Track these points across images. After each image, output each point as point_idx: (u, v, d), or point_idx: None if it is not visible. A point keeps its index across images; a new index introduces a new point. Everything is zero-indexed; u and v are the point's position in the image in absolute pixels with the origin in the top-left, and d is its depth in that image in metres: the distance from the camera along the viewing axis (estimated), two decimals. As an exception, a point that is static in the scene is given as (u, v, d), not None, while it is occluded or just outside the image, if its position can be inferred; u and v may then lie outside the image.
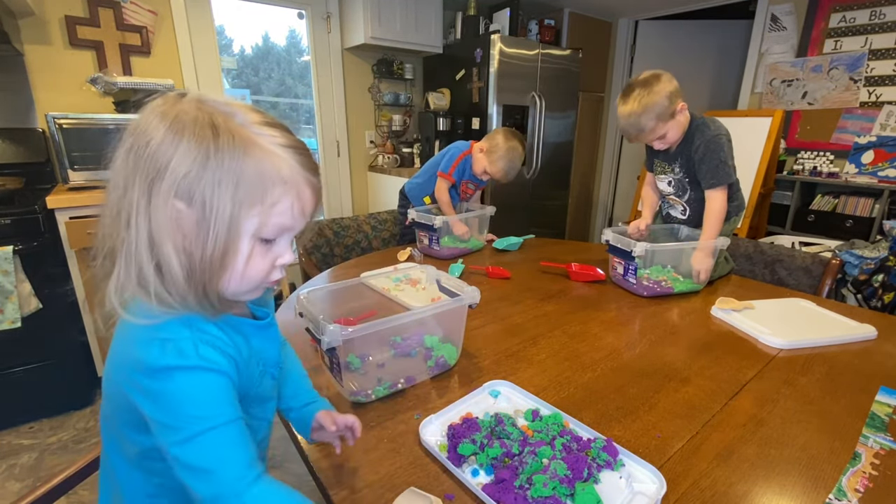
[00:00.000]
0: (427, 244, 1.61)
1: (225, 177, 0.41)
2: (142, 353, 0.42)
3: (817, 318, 1.10)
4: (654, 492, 0.56)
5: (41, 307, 1.70)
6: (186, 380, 0.42)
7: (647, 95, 1.25)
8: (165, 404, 0.42)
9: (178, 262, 0.42)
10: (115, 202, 0.42)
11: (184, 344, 0.42)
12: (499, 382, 0.79)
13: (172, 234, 0.42)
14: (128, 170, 0.42)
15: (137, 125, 0.42)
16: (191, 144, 0.40)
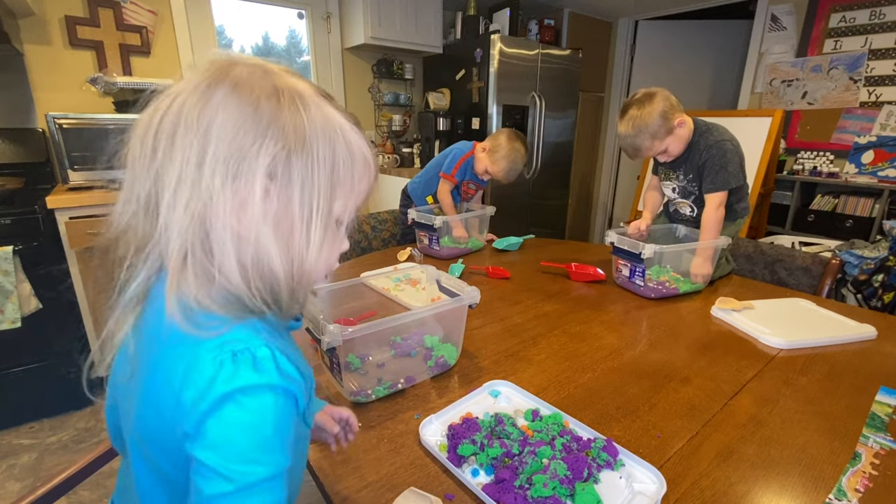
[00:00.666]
0: (427, 244, 1.61)
1: (321, 154, 0.37)
2: (201, 374, 0.34)
3: (817, 318, 1.10)
4: (654, 492, 0.56)
5: (41, 307, 1.70)
6: (260, 405, 0.34)
7: (639, 117, 1.27)
8: (216, 440, 0.33)
9: (277, 250, 0.36)
10: (183, 192, 0.35)
11: (261, 353, 0.35)
12: (499, 382, 0.79)
13: (263, 219, 0.36)
14: (201, 153, 0.35)
15: (205, 102, 0.35)
16: (278, 122, 0.36)
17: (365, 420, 0.70)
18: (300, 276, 0.39)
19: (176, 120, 0.35)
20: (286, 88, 0.37)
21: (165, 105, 0.36)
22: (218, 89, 0.36)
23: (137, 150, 0.37)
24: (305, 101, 0.38)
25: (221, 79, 0.36)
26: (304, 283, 0.39)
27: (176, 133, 0.35)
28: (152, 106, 0.37)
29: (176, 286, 0.35)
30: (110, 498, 0.53)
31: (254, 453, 0.34)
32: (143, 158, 0.36)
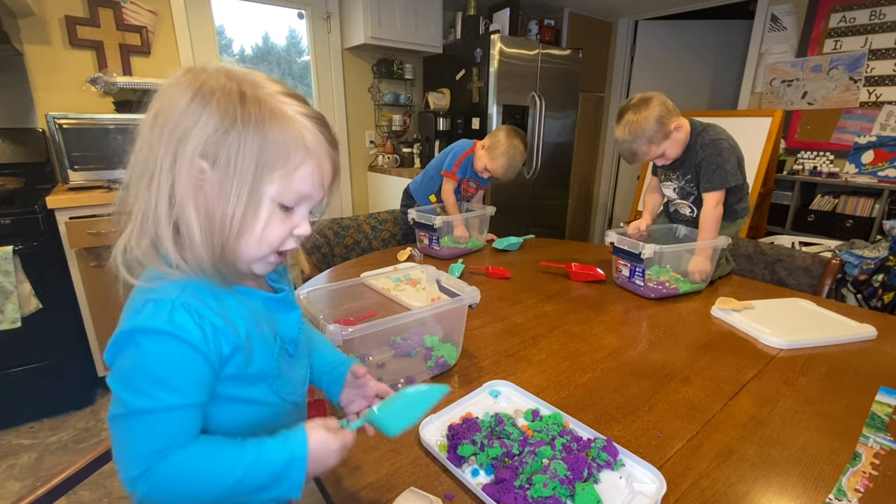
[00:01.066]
0: (427, 244, 1.61)
1: (250, 138, 0.42)
2: (124, 315, 0.42)
3: (817, 318, 1.10)
4: (654, 492, 0.56)
5: (41, 307, 1.70)
6: (150, 346, 0.41)
7: (636, 121, 1.28)
8: (121, 370, 0.41)
9: (198, 223, 0.42)
10: (139, 164, 0.42)
11: (161, 303, 0.41)
12: (499, 382, 0.79)
13: (194, 194, 0.42)
14: (154, 132, 0.42)
15: (165, 91, 0.43)
16: (219, 107, 0.41)
17: (365, 420, 0.70)
18: (222, 252, 0.44)
19: (159, 104, 0.43)
20: (232, 84, 0.43)
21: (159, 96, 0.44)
22: (189, 87, 0.43)
23: (146, 126, 0.43)
24: (250, 90, 0.43)
25: (195, 79, 0.43)
26: (228, 259, 0.44)
27: (155, 112, 0.43)
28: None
29: (124, 237, 0.44)
30: None
31: (142, 385, 0.40)
32: (143, 133, 0.43)
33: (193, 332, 0.42)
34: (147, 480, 0.40)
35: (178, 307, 0.42)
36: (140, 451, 0.41)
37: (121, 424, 0.41)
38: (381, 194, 3.17)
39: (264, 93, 0.44)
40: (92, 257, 1.82)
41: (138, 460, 0.40)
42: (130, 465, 0.40)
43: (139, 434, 0.41)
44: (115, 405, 0.41)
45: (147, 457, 0.40)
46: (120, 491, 1.49)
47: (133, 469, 0.40)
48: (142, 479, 0.40)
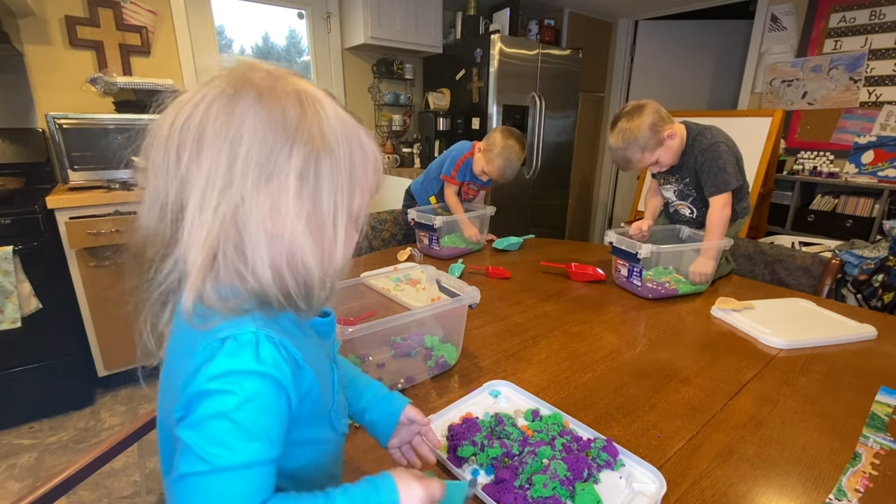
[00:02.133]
0: (427, 244, 1.61)
1: (342, 156, 0.39)
2: (193, 360, 0.36)
3: (817, 318, 1.10)
4: (654, 492, 0.56)
5: (41, 307, 1.70)
6: (234, 391, 0.34)
7: (629, 129, 1.28)
8: (200, 421, 0.34)
9: (311, 249, 0.38)
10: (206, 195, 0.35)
11: (244, 338, 0.36)
12: (499, 382, 0.79)
13: (299, 221, 0.38)
14: (229, 160, 0.36)
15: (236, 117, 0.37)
16: (306, 125, 0.38)
17: (365, 420, 0.70)
18: (330, 270, 0.41)
19: (202, 126, 0.36)
20: (306, 94, 0.39)
21: (188, 112, 0.37)
22: (243, 97, 0.37)
23: (160, 155, 0.37)
24: (324, 105, 0.40)
25: (245, 86, 0.37)
26: (332, 276, 0.42)
27: (202, 139, 0.36)
28: (172, 111, 0.38)
29: (196, 287, 0.36)
30: None
31: (231, 439, 0.34)
32: (167, 164, 0.37)
33: (283, 368, 0.37)
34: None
35: (263, 340, 0.36)
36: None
37: (203, 484, 0.33)
38: (381, 194, 3.13)
39: (328, 104, 0.41)
40: (92, 257, 1.82)
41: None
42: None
43: (229, 495, 0.33)
44: (190, 462, 0.33)
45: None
46: (120, 491, 1.49)
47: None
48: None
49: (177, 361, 0.38)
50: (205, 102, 0.37)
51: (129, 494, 1.48)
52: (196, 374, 0.35)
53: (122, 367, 2.00)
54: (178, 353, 0.39)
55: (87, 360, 1.92)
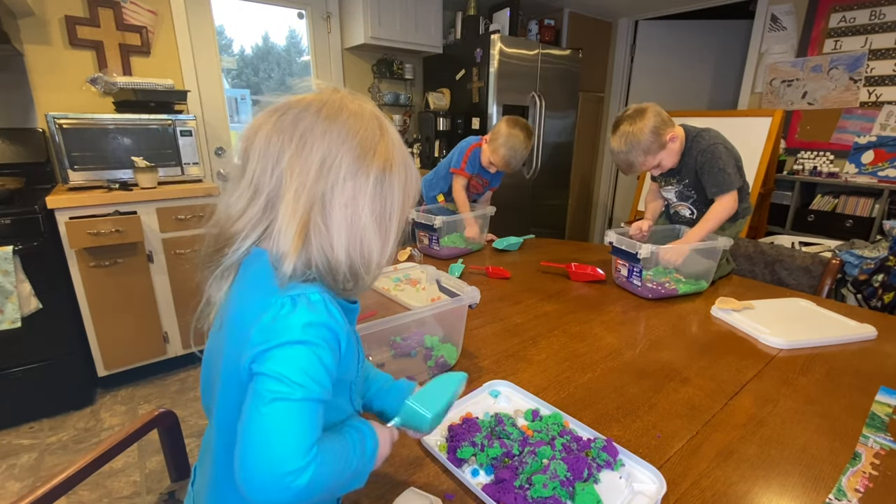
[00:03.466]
0: (427, 244, 1.61)
1: (405, 169, 0.50)
2: (259, 315, 0.42)
3: (817, 318, 1.10)
4: (654, 492, 0.56)
5: (41, 307, 1.70)
6: (315, 338, 0.41)
7: (631, 133, 1.27)
8: (286, 360, 0.40)
9: (376, 240, 0.47)
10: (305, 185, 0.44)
11: (314, 297, 0.43)
12: (499, 382, 0.79)
13: (371, 215, 0.47)
14: (324, 156, 0.45)
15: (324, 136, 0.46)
16: (385, 141, 0.48)
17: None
18: (381, 260, 0.49)
19: (303, 133, 0.45)
20: (382, 119, 0.50)
21: (291, 118, 0.46)
22: (341, 114, 0.47)
23: (263, 147, 0.46)
24: (391, 129, 0.50)
25: (340, 107, 0.47)
26: (379, 266, 0.50)
27: (304, 142, 0.45)
28: (273, 116, 0.47)
29: (295, 255, 0.44)
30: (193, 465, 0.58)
31: (314, 374, 0.41)
32: (268, 158, 0.45)
33: (342, 323, 0.44)
34: (313, 469, 0.39)
35: (329, 300, 0.44)
36: (307, 439, 0.39)
37: (292, 408, 0.39)
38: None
39: (391, 126, 0.51)
40: (92, 257, 1.82)
41: (304, 449, 0.39)
42: (295, 454, 0.38)
43: (308, 422, 0.39)
44: (281, 390, 0.39)
45: (312, 445, 0.40)
46: (120, 491, 1.49)
47: (299, 458, 0.38)
48: (308, 468, 0.38)
49: (249, 317, 0.44)
50: (308, 113, 0.46)
51: (129, 494, 1.48)
52: (277, 322, 0.41)
53: (122, 366, 2.00)
54: (246, 312, 0.45)
55: (87, 360, 1.92)
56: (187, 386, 2.08)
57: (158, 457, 1.63)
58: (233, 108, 2.74)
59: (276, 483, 0.37)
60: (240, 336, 0.44)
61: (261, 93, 2.93)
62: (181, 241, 2.03)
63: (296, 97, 0.48)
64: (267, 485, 0.37)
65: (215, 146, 2.62)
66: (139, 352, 2.03)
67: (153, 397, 2.00)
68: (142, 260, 1.94)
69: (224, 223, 0.47)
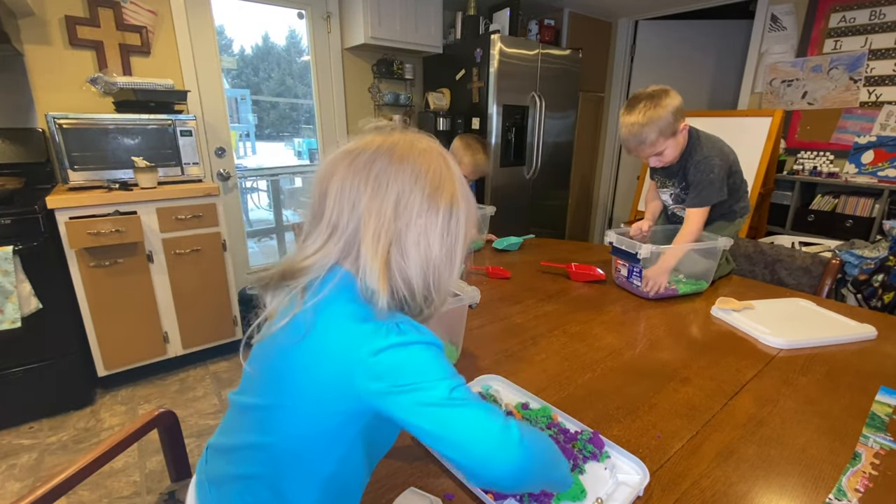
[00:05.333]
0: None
1: (466, 202, 0.53)
2: (379, 338, 0.45)
3: (817, 318, 1.10)
4: (636, 482, 0.57)
5: (41, 307, 1.70)
6: (436, 351, 0.47)
7: (653, 108, 1.24)
8: (413, 367, 0.45)
9: (447, 267, 0.51)
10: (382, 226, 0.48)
11: (416, 324, 0.48)
12: (490, 377, 0.80)
13: (441, 245, 0.50)
14: (399, 195, 0.48)
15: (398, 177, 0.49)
16: (450, 178, 0.52)
17: (365, 420, 0.70)
18: (450, 284, 0.54)
19: (378, 175, 0.49)
20: (446, 156, 0.53)
21: (364, 161, 0.49)
22: (410, 154, 0.50)
23: (339, 189, 0.49)
24: (454, 166, 0.53)
25: (410, 145, 0.51)
26: (450, 291, 0.55)
27: (378, 183, 0.48)
28: (346, 160, 0.50)
29: (385, 289, 0.47)
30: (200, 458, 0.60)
31: (441, 372, 0.46)
32: (347, 197, 0.49)
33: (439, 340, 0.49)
34: (522, 441, 0.44)
35: (420, 325, 0.49)
36: (495, 419, 0.44)
37: (463, 392, 0.44)
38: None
39: (455, 165, 0.54)
40: (92, 257, 1.82)
41: (500, 425, 0.43)
42: (495, 419, 0.44)
43: (478, 406, 0.44)
44: (439, 386, 0.44)
45: (505, 420, 0.44)
46: (120, 491, 1.49)
47: (502, 436, 0.43)
48: (522, 442, 0.43)
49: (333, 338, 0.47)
50: (381, 155, 0.49)
51: (128, 494, 1.48)
52: (393, 345, 0.45)
53: (122, 366, 2.00)
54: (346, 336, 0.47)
55: (87, 360, 1.92)
56: (187, 386, 2.08)
57: (158, 457, 1.63)
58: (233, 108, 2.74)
59: (500, 449, 0.43)
60: (341, 357, 0.46)
61: (261, 93, 2.94)
62: (181, 241, 2.03)
63: (366, 139, 0.51)
64: (497, 455, 0.43)
65: (215, 146, 2.62)
66: (139, 352, 2.03)
67: (153, 397, 2.00)
68: (142, 260, 1.94)
69: (298, 257, 0.50)
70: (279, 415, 0.49)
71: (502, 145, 2.96)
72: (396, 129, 0.54)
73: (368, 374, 0.44)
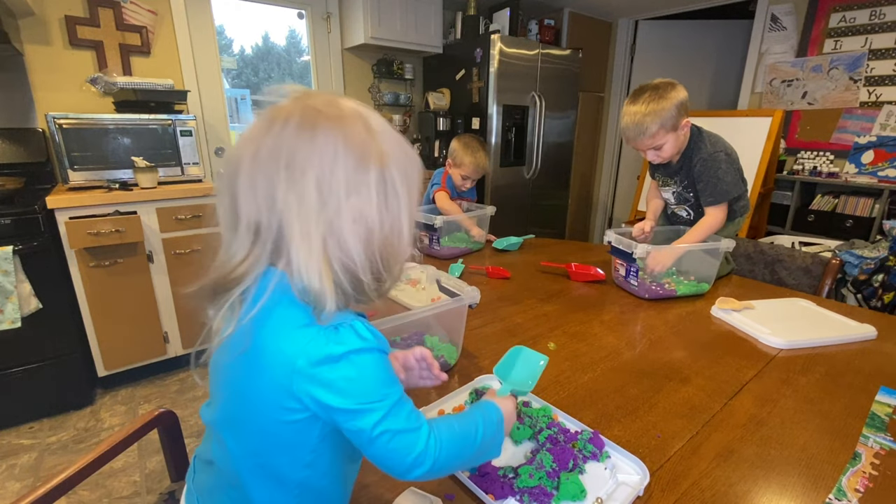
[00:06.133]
0: (427, 244, 1.61)
1: (402, 166, 0.47)
2: (315, 347, 0.42)
3: (817, 318, 1.10)
4: (636, 482, 0.57)
5: (41, 307, 1.70)
6: (373, 359, 0.44)
7: (657, 100, 1.23)
8: (346, 386, 0.42)
9: (394, 247, 0.47)
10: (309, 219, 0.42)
11: (358, 326, 0.44)
12: (490, 377, 0.80)
13: (380, 224, 0.45)
14: (321, 182, 0.42)
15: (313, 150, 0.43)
16: (376, 145, 0.45)
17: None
18: (402, 257, 0.49)
19: (289, 158, 0.42)
20: (364, 115, 0.46)
21: (270, 144, 0.43)
22: (320, 127, 0.43)
23: (247, 187, 0.43)
24: (378, 121, 0.47)
25: (318, 117, 0.43)
26: (404, 263, 0.50)
27: (293, 170, 0.42)
28: (250, 145, 0.43)
29: (332, 294, 0.43)
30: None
31: (380, 389, 0.44)
32: (256, 195, 0.43)
33: (381, 338, 0.46)
34: (431, 450, 0.44)
35: (368, 325, 0.45)
36: (412, 425, 0.44)
37: (389, 423, 0.43)
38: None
39: (381, 122, 0.47)
40: (92, 257, 1.82)
41: (416, 432, 0.44)
42: (416, 442, 0.44)
43: (405, 417, 0.44)
44: (369, 417, 0.42)
45: (419, 426, 0.45)
46: (120, 491, 1.49)
47: (419, 442, 0.44)
48: (428, 451, 0.44)
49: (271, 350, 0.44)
50: (286, 135, 0.42)
51: (128, 494, 1.48)
52: (326, 352, 0.42)
53: (122, 366, 2.00)
54: (273, 344, 0.44)
55: (87, 360, 1.92)
56: (187, 386, 2.08)
57: (158, 457, 1.63)
58: (233, 108, 2.74)
59: (407, 476, 0.44)
60: (281, 369, 0.43)
61: (261, 93, 2.93)
62: (181, 241, 2.03)
63: (265, 120, 0.44)
64: (411, 473, 0.44)
65: (215, 146, 2.62)
66: (139, 352, 2.03)
67: (153, 397, 2.00)
68: (142, 260, 1.94)
69: (225, 269, 0.45)
70: (238, 428, 0.48)
71: (502, 145, 2.96)
72: (299, 95, 0.46)
73: (307, 386, 0.42)
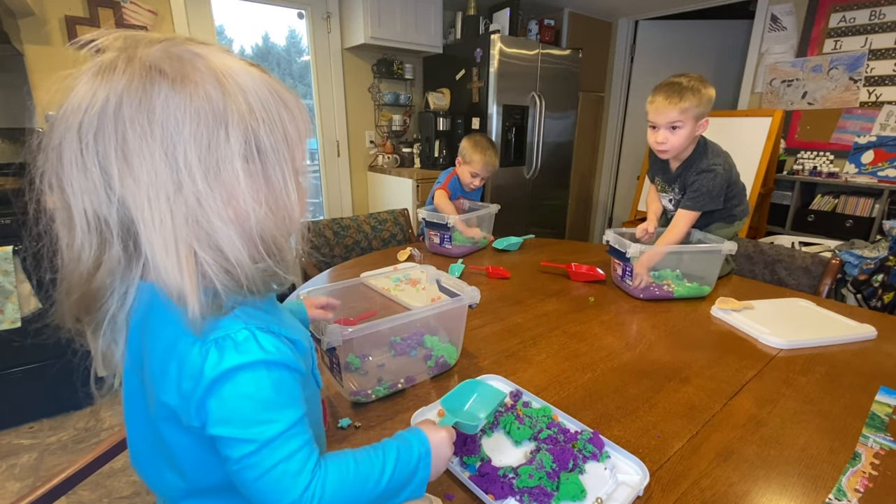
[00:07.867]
0: (438, 242, 1.61)
1: (275, 123, 0.38)
2: (181, 373, 0.36)
3: (817, 318, 1.10)
4: (636, 482, 0.57)
5: (41, 307, 1.70)
6: (257, 377, 0.37)
7: (700, 83, 1.26)
8: (221, 412, 0.36)
9: (272, 220, 0.39)
10: (159, 207, 0.34)
11: (240, 336, 0.37)
12: (490, 377, 0.80)
13: (256, 200, 0.38)
14: (168, 163, 0.34)
15: (147, 111, 0.33)
16: (234, 103, 0.36)
17: (365, 420, 0.70)
18: (292, 228, 0.42)
19: (121, 133, 0.33)
20: (219, 69, 0.36)
21: (96, 118, 0.33)
22: (157, 89, 0.33)
23: (79, 175, 0.34)
24: (238, 74, 0.37)
25: (153, 74, 0.34)
26: (296, 234, 0.43)
27: (128, 149, 0.33)
28: (73, 119, 0.33)
29: (196, 298, 0.35)
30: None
31: (262, 415, 0.37)
32: (93, 184, 0.34)
33: (283, 350, 0.39)
34: (314, 491, 0.38)
35: (257, 333, 0.38)
36: (291, 468, 0.38)
37: (260, 458, 0.37)
38: (381, 194, 3.17)
39: (243, 70, 0.38)
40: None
41: (294, 477, 0.38)
42: (290, 488, 0.37)
43: (283, 456, 0.38)
44: (239, 448, 0.37)
45: (301, 470, 0.38)
46: (120, 491, 1.49)
47: (294, 490, 0.38)
48: (307, 493, 0.38)
49: (160, 370, 0.39)
50: (112, 104, 0.33)
51: (128, 494, 1.48)
52: (201, 375, 0.36)
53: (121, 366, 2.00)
54: (162, 363, 0.38)
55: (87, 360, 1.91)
56: (187, 386, 2.08)
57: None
58: (233, 108, 2.74)
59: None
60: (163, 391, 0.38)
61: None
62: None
63: (91, 68, 0.34)
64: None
65: (215, 146, 2.61)
66: (139, 352, 2.03)
67: (153, 397, 2.00)
68: (142, 260, 1.94)
69: (77, 278, 0.37)
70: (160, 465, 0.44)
71: (502, 145, 2.96)
72: (125, 45, 0.35)
73: (188, 410, 0.37)
